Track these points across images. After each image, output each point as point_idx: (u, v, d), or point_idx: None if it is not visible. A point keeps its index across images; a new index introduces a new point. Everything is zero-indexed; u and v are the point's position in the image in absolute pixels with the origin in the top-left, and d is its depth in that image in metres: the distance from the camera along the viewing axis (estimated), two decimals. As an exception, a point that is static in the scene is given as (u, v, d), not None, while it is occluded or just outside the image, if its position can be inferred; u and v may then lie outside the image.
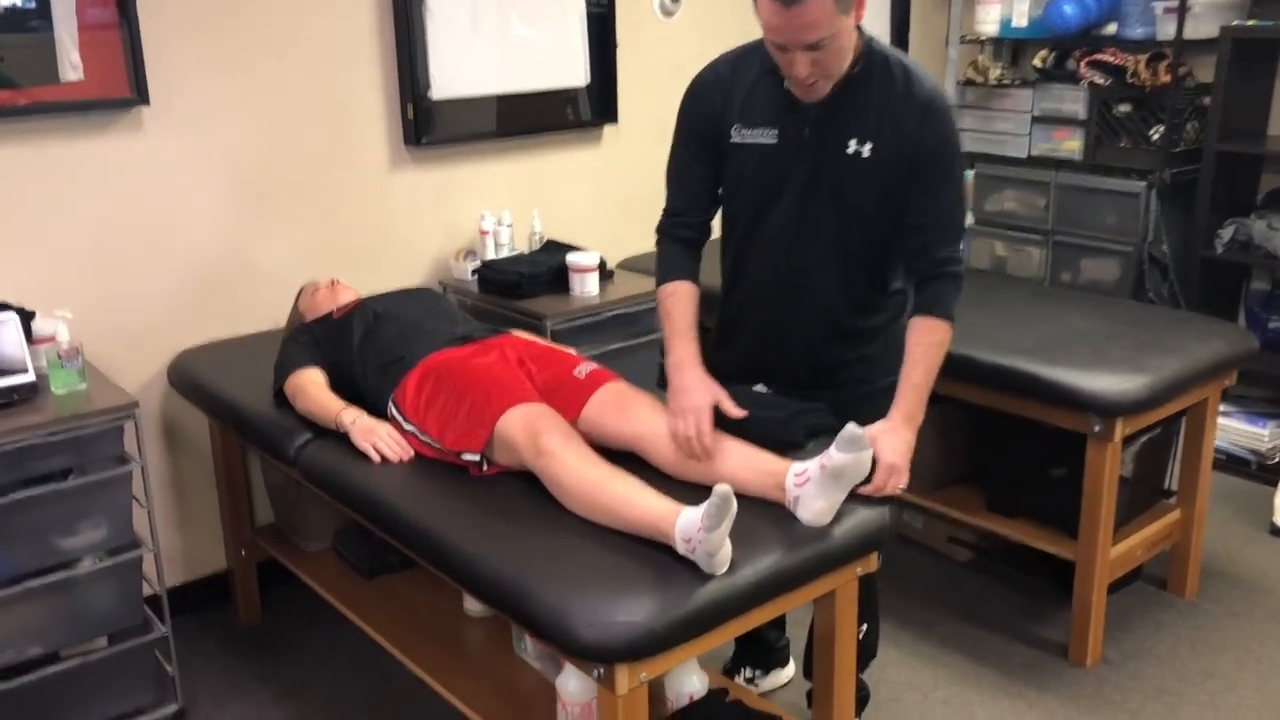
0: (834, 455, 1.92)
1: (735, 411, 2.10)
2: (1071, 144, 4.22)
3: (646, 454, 2.19)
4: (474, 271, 3.38)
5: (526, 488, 2.15)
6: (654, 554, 1.90)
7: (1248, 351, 2.99)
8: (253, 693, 2.85)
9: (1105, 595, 2.88)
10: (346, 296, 2.82)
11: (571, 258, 3.26)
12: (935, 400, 2.37)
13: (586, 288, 3.24)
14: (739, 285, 2.28)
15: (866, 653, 2.46)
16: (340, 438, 2.41)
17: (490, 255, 3.45)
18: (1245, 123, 3.91)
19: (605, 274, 3.35)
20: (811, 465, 1.97)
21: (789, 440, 2.11)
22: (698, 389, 2.10)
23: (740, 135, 2.13)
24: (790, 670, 2.86)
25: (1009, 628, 3.07)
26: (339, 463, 2.37)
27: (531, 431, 2.12)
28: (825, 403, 2.24)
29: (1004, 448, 3.11)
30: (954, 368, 2.45)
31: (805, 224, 2.14)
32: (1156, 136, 3.96)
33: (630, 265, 3.76)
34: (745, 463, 2.07)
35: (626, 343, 3.28)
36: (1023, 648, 2.98)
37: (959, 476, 3.22)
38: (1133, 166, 4.02)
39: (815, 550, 1.96)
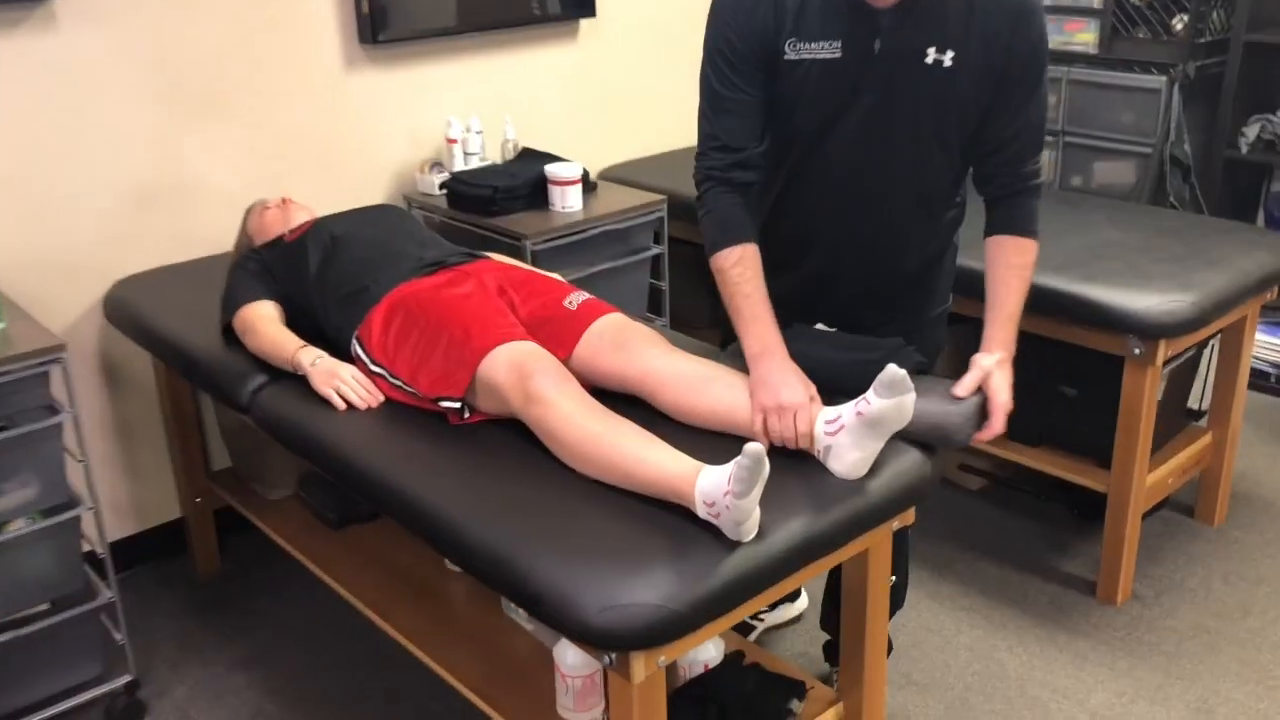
0: (873, 401, 1.65)
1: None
2: (1085, 36, 3.90)
3: (651, 396, 1.93)
4: (442, 185, 3.06)
5: (515, 438, 1.88)
6: (669, 517, 1.64)
7: (1295, 263, 2.75)
8: (213, 657, 2.59)
9: (1139, 530, 2.67)
10: (300, 216, 2.50)
11: (551, 169, 2.94)
12: (951, 321, 2.15)
13: (568, 201, 2.93)
14: (787, 219, 1.96)
15: (893, 604, 2.24)
16: (300, 380, 2.12)
17: (459, 166, 3.12)
18: (1276, 10, 3.61)
19: (588, 186, 3.04)
20: (845, 411, 1.71)
21: None
22: (794, 382, 1.77)
23: (795, 50, 1.78)
24: (801, 604, 2.65)
25: (1030, 563, 2.87)
26: (299, 410, 2.08)
27: (520, 374, 1.84)
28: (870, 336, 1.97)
29: (1025, 371, 2.86)
30: (973, 284, 2.19)
31: (873, 146, 1.84)
32: (1179, 27, 3.66)
33: (613, 175, 3.45)
34: None
35: (614, 263, 2.99)
36: (1047, 585, 2.78)
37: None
38: (1152, 60, 3.71)
39: (853, 509, 1.71)
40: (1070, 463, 2.76)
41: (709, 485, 1.57)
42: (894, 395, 1.64)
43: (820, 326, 1.94)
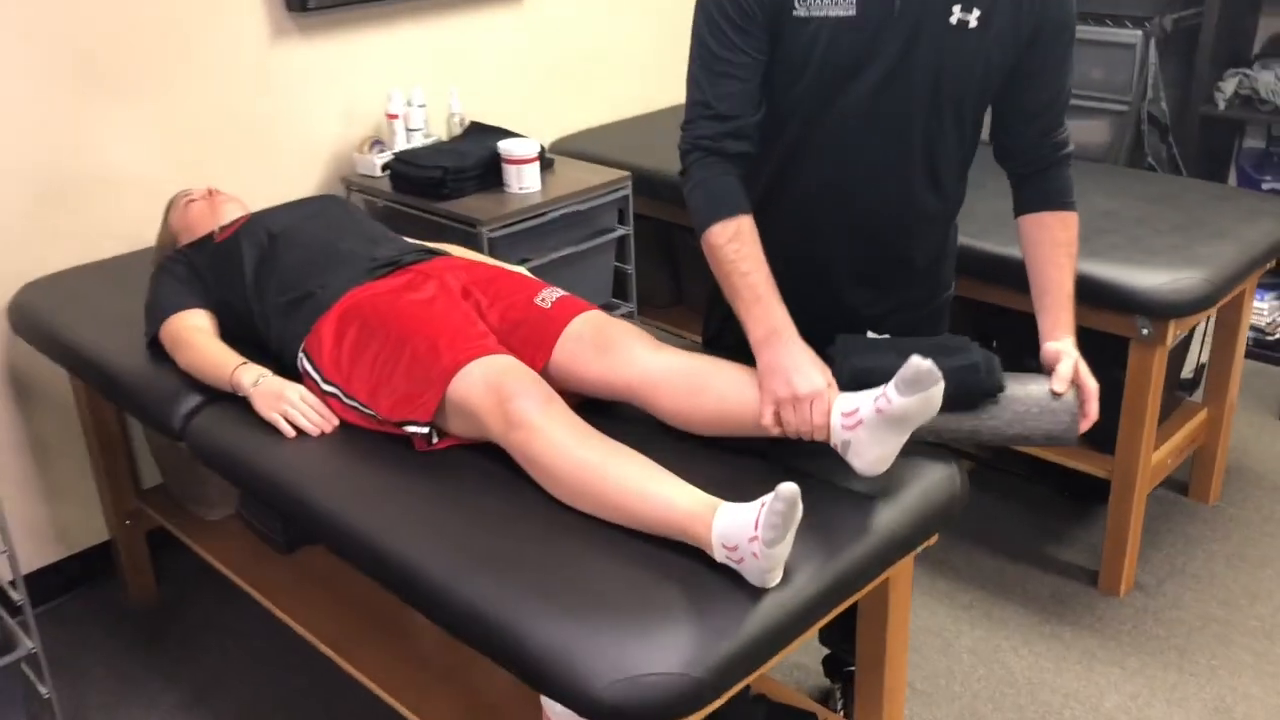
0: (894, 399, 1.45)
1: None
2: (1054, -12, 3.72)
3: (645, 402, 1.70)
4: (384, 166, 2.79)
5: (492, 465, 1.67)
6: (679, 560, 1.44)
7: (1299, 230, 2.61)
8: (153, 699, 2.35)
9: (1142, 518, 2.54)
10: (230, 211, 2.23)
11: (505, 146, 2.70)
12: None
13: (525, 182, 2.69)
14: (784, 198, 1.76)
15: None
16: (242, 401, 1.88)
17: (402, 144, 2.86)
18: (1252, -42, 3.47)
19: (545, 163, 2.79)
20: (864, 405, 1.50)
21: (990, 390, 1.63)
22: (809, 368, 1.56)
23: (805, 7, 1.58)
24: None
25: (1025, 552, 2.73)
26: (241, 437, 1.84)
27: (499, 395, 1.61)
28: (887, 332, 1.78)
29: (1009, 348, 2.71)
30: (967, 262, 2.11)
31: (886, 115, 1.64)
32: (1153, -23, 3.50)
33: (569, 148, 3.20)
34: None
35: (577, 247, 2.76)
36: (1045, 575, 2.64)
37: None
38: (1124, 13, 3.55)
39: (883, 538, 1.52)
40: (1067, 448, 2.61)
41: (730, 527, 1.38)
42: (918, 391, 1.44)
43: (870, 334, 1.73)
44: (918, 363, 1.43)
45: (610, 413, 1.75)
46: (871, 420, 1.50)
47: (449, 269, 1.96)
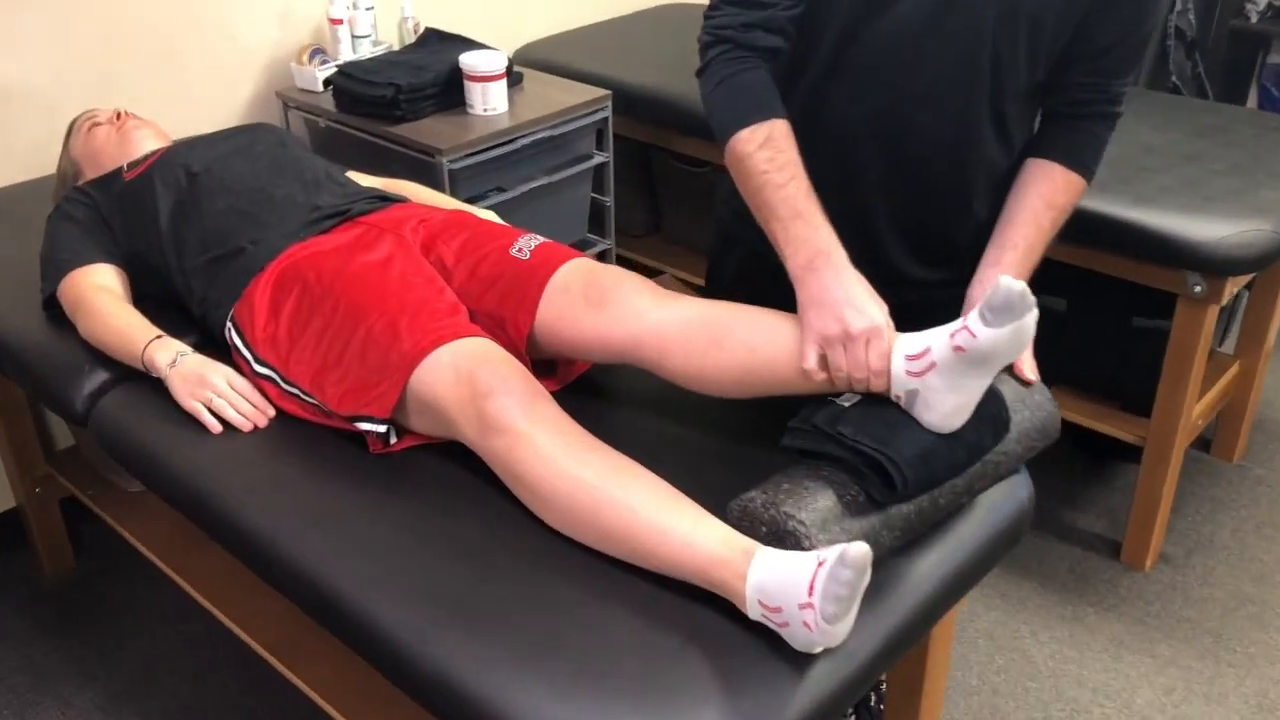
0: (980, 331, 1.17)
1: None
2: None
3: (654, 363, 1.40)
4: (327, 81, 2.42)
5: (465, 474, 1.38)
6: (701, 612, 1.18)
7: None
8: (68, 697, 2.06)
9: (1175, 486, 2.31)
10: (141, 140, 1.87)
11: (467, 60, 2.33)
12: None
13: (490, 102, 2.33)
14: (819, 128, 1.45)
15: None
16: (160, 381, 1.56)
17: (347, 55, 2.48)
18: None
19: (513, 79, 2.44)
20: (936, 342, 1.22)
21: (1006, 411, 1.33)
22: (863, 298, 1.27)
23: None
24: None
25: (1039, 518, 2.49)
26: (155, 429, 1.52)
27: (473, 390, 1.31)
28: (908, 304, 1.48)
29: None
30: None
31: (944, 35, 1.37)
32: (1186, -128, 3.16)
33: (536, 58, 2.82)
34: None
35: (550, 178, 2.41)
36: (1062, 546, 2.42)
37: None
38: (1152, -88, 3.21)
39: (948, 576, 1.26)
40: (1083, 405, 2.37)
41: (772, 583, 1.10)
42: (1010, 321, 1.16)
43: (844, 399, 1.31)
44: (1009, 284, 1.14)
45: (608, 416, 1.46)
46: (948, 362, 1.20)
47: (406, 220, 1.63)
